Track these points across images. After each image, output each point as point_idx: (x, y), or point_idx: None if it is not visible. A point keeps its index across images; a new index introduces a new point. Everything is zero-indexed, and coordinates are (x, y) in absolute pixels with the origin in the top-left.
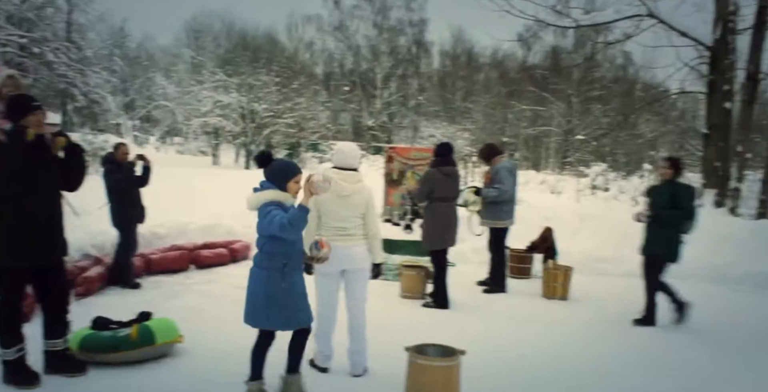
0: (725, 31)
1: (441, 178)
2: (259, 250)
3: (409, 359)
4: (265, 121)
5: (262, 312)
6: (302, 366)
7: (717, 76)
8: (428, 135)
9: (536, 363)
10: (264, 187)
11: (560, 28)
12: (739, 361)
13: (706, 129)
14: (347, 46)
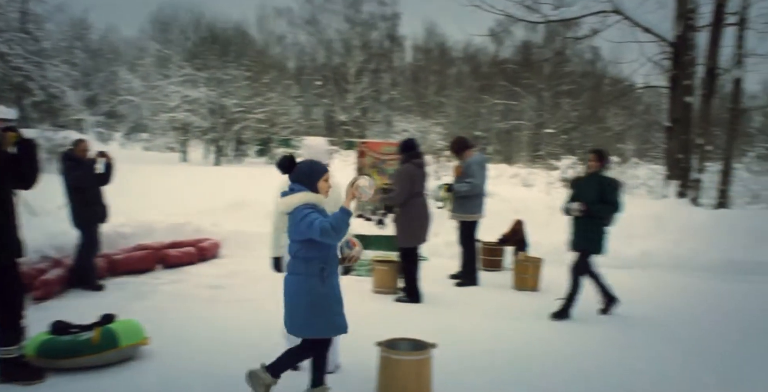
0: (686, 27)
1: (417, 172)
2: (293, 257)
3: (381, 354)
4: (235, 116)
5: (306, 320)
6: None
7: (678, 71)
8: (401, 129)
9: (507, 356)
10: (295, 191)
11: (530, 23)
12: (706, 351)
13: (668, 122)
14: (319, 40)
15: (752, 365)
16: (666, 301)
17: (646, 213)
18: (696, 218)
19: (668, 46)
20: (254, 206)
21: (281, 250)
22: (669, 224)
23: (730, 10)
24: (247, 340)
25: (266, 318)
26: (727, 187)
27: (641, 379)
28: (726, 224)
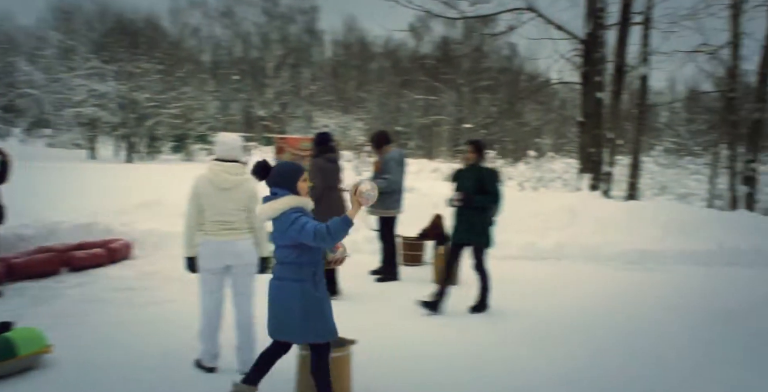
0: (595, 26)
1: (329, 167)
2: (281, 263)
3: (299, 352)
4: (147, 111)
5: (297, 325)
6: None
7: (589, 68)
8: (322, 125)
9: (426, 350)
10: (279, 195)
11: (448, 19)
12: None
13: (581, 117)
14: (235, 33)
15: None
16: (580, 291)
17: (560, 205)
18: (607, 210)
19: (579, 43)
20: (169, 204)
21: (195, 250)
22: (582, 216)
23: (636, 9)
24: (164, 345)
25: (184, 320)
26: (637, 180)
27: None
28: (635, 215)
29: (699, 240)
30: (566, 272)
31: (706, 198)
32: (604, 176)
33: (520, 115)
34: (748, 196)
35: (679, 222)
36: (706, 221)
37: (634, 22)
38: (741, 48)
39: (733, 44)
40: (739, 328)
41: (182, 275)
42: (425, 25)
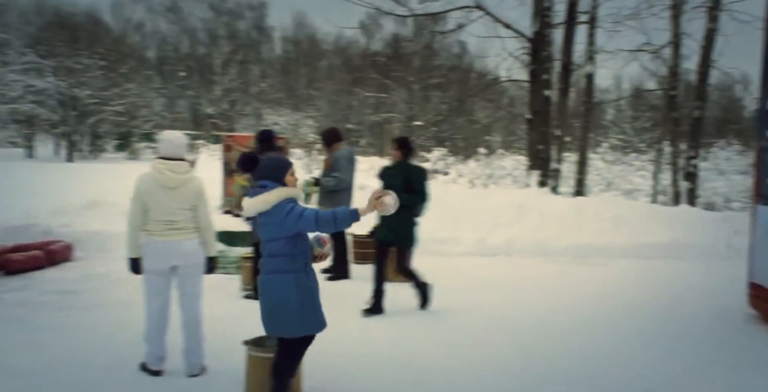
0: (542, 24)
1: None
2: (273, 256)
3: (248, 352)
4: (89, 108)
5: (294, 318)
6: None
7: (537, 66)
8: (272, 122)
9: (379, 349)
10: (268, 188)
11: (398, 17)
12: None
13: (529, 115)
14: (182, 29)
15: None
16: (529, 286)
17: (510, 202)
18: (555, 206)
19: (527, 41)
20: (112, 205)
21: (139, 250)
22: (531, 212)
23: (582, 9)
24: (108, 349)
25: (128, 323)
26: (584, 176)
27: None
28: (582, 211)
29: (643, 235)
30: (516, 267)
31: (650, 193)
32: (552, 173)
33: (470, 113)
34: (689, 192)
35: (625, 217)
36: (650, 216)
37: (580, 22)
38: (681, 48)
39: (674, 44)
40: (675, 317)
41: (126, 277)
42: (375, 23)
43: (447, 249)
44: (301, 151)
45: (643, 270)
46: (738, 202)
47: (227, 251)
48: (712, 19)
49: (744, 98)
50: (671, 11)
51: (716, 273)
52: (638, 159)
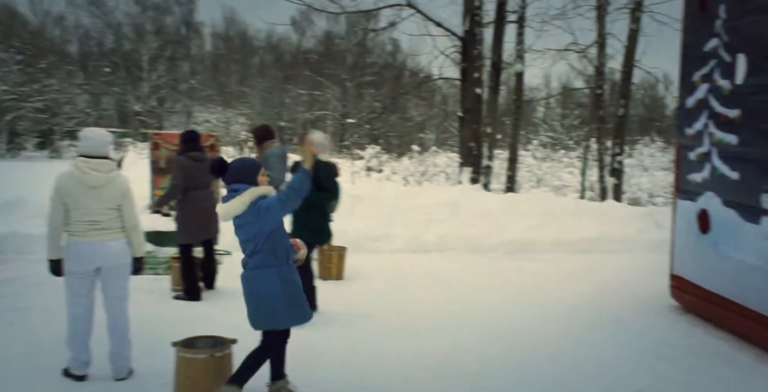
0: (472, 23)
1: (192, 165)
2: (255, 254)
3: (177, 354)
4: (6, 104)
5: (284, 311)
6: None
7: (468, 65)
8: (203, 120)
9: (312, 346)
10: (240, 191)
11: (330, 14)
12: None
13: (461, 113)
14: (106, 24)
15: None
16: (460, 282)
17: (443, 199)
18: (487, 202)
19: (458, 40)
20: (32, 205)
21: (59, 252)
22: (463, 208)
23: (511, 8)
24: (28, 354)
25: (50, 327)
26: (515, 173)
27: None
28: (513, 207)
29: (572, 230)
30: (449, 263)
31: (578, 189)
32: (484, 170)
33: (404, 111)
34: (615, 188)
35: (554, 212)
36: (578, 211)
37: (509, 21)
38: (606, 47)
39: (599, 44)
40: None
41: (47, 280)
42: (307, 20)
43: (381, 247)
44: (232, 149)
45: (571, 264)
46: (661, 197)
47: (156, 251)
48: (635, 20)
49: (666, 97)
50: (596, 12)
51: (641, 266)
52: (567, 156)
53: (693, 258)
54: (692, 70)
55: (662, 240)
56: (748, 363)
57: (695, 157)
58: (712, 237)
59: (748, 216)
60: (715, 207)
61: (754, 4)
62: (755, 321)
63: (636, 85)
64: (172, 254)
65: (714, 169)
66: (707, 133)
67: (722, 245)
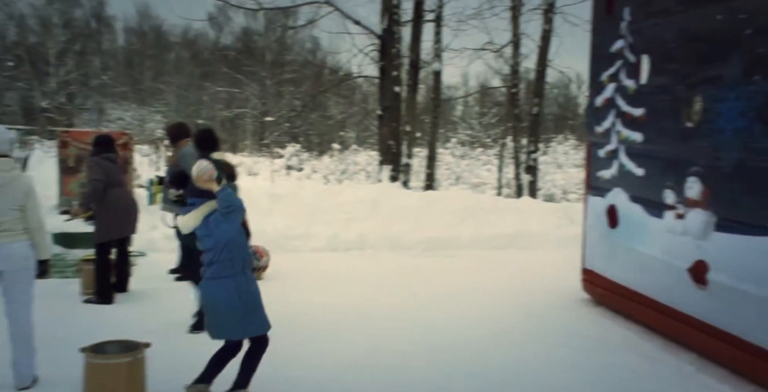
0: (391, 22)
1: (108, 165)
2: (212, 264)
3: (86, 360)
4: None
5: (239, 321)
6: None
7: (387, 63)
8: (116, 117)
9: None
10: (197, 204)
11: (249, 11)
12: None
13: (380, 111)
14: (8, 15)
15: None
16: (383, 280)
17: (363, 197)
18: (406, 200)
19: (377, 38)
20: None
21: None
22: (383, 207)
23: (429, 7)
24: None
25: None
26: (433, 171)
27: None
28: (433, 204)
29: (489, 226)
30: (370, 262)
31: (496, 187)
32: (403, 168)
33: (324, 109)
34: (530, 184)
35: (472, 209)
36: (495, 208)
37: (427, 20)
38: (521, 47)
39: (514, 43)
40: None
41: None
42: (225, 16)
43: (301, 246)
44: (147, 148)
45: (489, 259)
46: (574, 193)
47: (65, 254)
48: (548, 20)
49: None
50: (511, 12)
51: (555, 261)
52: (485, 153)
53: (603, 252)
54: (600, 70)
55: (575, 235)
56: (654, 352)
57: (604, 154)
58: (620, 232)
59: (653, 211)
60: (623, 203)
61: (655, 7)
62: (659, 311)
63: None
64: (82, 257)
65: (621, 165)
66: (615, 131)
67: (629, 239)
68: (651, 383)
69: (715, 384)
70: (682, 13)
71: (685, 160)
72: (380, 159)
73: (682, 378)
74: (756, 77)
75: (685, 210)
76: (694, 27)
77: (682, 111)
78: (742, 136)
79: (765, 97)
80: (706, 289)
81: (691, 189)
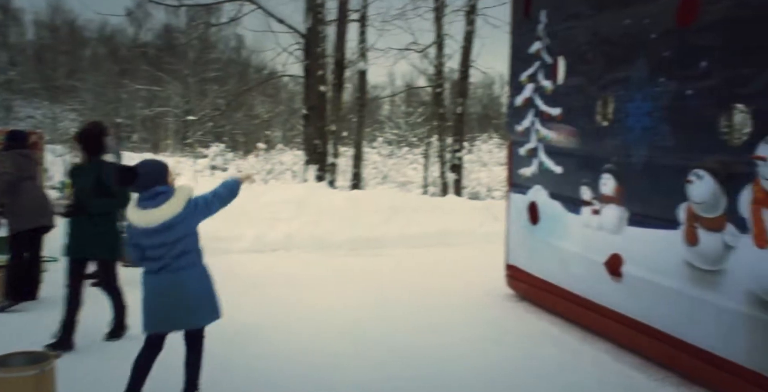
0: (315, 21)
1: (21, 160)
2: (186, 252)
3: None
4: None
5: (211, 304)
6: None
7: (311, 62)
8: (25, 116)
9: None
10: (169, 192)
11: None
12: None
13: (305, 110)
14: None
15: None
16: (311, 281)
17: (289, 197)
18: (333, 200)
19: (301, 37)
20: None
21: None
22: (309, 206)
23: (353, 7)
24: None
25: None
26: (360, 170)
27: None
28: (359, 204)
29: (416, 225)
30: (296, 262)
31: (422, 185)
32: (329, 167)
33: (249, 108)
34: (456, 183)
35: (399, 208)
36: (422, 207)
37: (351, 19)
38: (445, 48)
39: (438, 44)
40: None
41: None
42: (144, 12)
43: (226, 247)
44: (61, 147)
45: (416, 258)
46: (499, 191)
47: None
48: (470, 22)
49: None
50: (434, 13)
51: (481, 257)
52: (411, 152)
53: (525, 248)
54: (520, 70)
55: (499, 232)
56: (575, 345)
57: (524, 153)
58: (541, 228)
59: (571, 207)
60: (543, 200)
61: (568, 11)
62: (579, 304)
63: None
64: None
65: (541, 163)
66: (534, 129)
67: (550, 235)
68: (570, 374)
69: (630, 372)
70: (593, 17)
71: (600, 158)
72: (306, 158)
73: (599, 367)
74: (661, 79)
75: (601, 206)
76: (604, 30)
77: (595, 110)
78: (650, 135)
79: (670, 97)
80: (621, 282)
81: (605, 185)
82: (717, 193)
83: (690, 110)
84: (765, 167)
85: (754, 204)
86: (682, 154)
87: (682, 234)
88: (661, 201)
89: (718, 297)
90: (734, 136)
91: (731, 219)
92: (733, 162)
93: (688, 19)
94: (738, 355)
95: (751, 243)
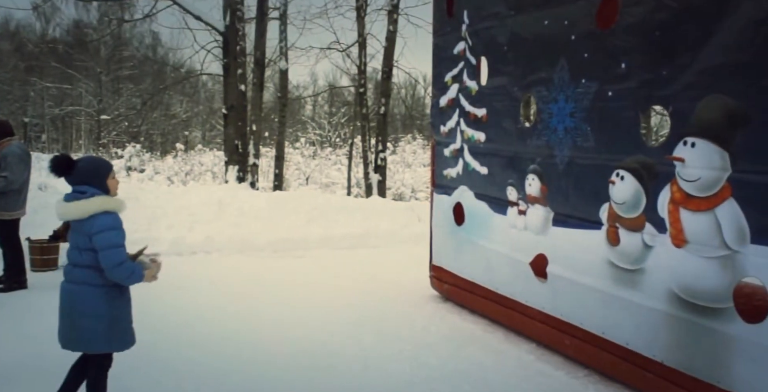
0: (234, 18)
1: None
2: (80, 266)
3: None
4: None
5: (103, 333)
6: None
7: (231, 61)
8: None
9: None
10: (88, 194)
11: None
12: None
13: (225, 110)
14: None
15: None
16: (231, 284)
17: (208, 198)
18: (254, 201)
19: (219, 35)
20: None
21: None
22: (230, 208)
23: (273, 5)
24: None
25: None
26: (282, 171)
27: None
28: (281, 205)
29: (339, 226)
30: (217, 265)
31: (345, 186)
32: (251, 168)
33: (167, 107)
34: (380, 184)
35: (322, 209)
36: (345, 208)
37: (271, 17)
38: (367, 47)
39: (360, 43)
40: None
41: None
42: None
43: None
44: None
45: (339, 259)
46: (423, 192)
47: None
48: (392, 21)
49: (425, 97)
50: (356, 12)
51: (404, 259)
52: (335, 153)
53: (450, 248)
54: (444, 71)
55: (424, 233)
56: (497, 345)
57: (449, 153)
58: (466, 228)
59: (497, 208)
60: (468, 200)
61: (489, 11)
62: (503, 304)
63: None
64: None
65: (466, 164)
66: (459, 130)
67: (475, 235)
68: (493, 374)
69: (551, 371)
70: (513, 18)
71: (525, 159)
72: (226, 159)
73: (521, 367)
74: (582, 80)
75: (526, 207)
76: (525, 31)
77: (519, 111)
78: (572, 136)
79: (591, 98)
80: (546, 282)
81: (530, 186)
82: (638, 193)
83: (611, 111)
84: (682, 168)
85: (672, 205)
86: (603, 155)
87: (605, 234)
88: (584, 202)
89: (640, 296)
90: (652, 136)
91: (650, 219)
92: (652, 163)
93: (608, 22)
94: (659, 353)
95: (669, 242)
